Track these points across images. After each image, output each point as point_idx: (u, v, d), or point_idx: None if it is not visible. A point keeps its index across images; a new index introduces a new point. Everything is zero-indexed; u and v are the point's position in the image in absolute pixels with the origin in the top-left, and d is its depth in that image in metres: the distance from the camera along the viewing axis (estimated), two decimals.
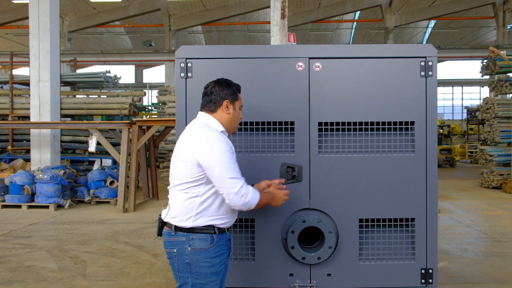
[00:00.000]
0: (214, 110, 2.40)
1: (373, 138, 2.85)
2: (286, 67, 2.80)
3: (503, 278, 4.70)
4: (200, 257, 2.26)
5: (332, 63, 2.82)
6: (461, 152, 25.10)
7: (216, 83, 2.42)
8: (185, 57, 2.83)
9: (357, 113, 2.80)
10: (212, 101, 2.40)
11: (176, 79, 2.80)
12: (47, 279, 4.72)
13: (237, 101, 2.44)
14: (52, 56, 10.68)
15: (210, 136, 2.25)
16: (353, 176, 2.80)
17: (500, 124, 12.64)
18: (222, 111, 2.39)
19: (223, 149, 2.21)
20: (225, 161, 2.19)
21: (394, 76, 2.82)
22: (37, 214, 8.52)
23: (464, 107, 29.88)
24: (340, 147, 2.83)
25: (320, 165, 2.79)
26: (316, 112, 2.80)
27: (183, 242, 2.27)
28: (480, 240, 6.46)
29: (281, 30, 10.20)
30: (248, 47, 2.85)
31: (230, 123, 2.43)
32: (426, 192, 2.82)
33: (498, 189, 12.09)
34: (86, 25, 24.33)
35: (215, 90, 2.40)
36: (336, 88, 2.81)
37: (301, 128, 2.79)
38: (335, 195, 2.80)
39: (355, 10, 24.75)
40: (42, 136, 10.55)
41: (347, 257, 2.82)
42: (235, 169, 2.23)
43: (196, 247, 2.25)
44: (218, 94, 2.39)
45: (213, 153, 2.20)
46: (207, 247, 2.26)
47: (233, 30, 30.09)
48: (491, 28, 28.09)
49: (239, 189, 2.20)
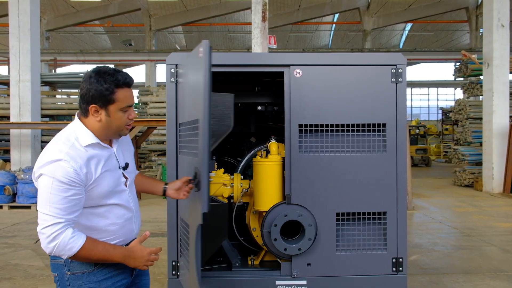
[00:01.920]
0: (85, 114, 1.90)
1: (349, 138, 3.09)
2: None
3: (470, 269, 5.02)
4: (82, 282, 1.90)
5: (311, 70, 3.06)
6: (437, 151, 25.80)
7: (87, 77, 1.85)
8: (175, 63, 3.02)
9: (334, 116, 3.04)
10: (82, 101, 1.88)
11: (166, 84, 2.97)
12: (35, 276, 4.83)
13: (113, 104, 1.86)
14: (32, 56, 10.66)
15: (53, 158, 1.77)
16: (330, 174, 3.04)
17: (472, 125, 13.16)
18: (92, 116, 1.88)
19: (59, 181, 1.74)
20: (51, 195, 1.74)
21: (368, 82, 3.07)
22: (19, 214, 8.55)
23: (439, 108, 30.67)
24: (318, 147, 3.06)
25: (300, 164, 3.02)
26: (296, 115, 3.02)
27: (62, 266, 1.91)
28: (450, 235, 6.82)
29: (262, 32, 10.43)
30: (233, 54, 3.06)
31: (106, 130, 1.91)
32: (397, 188, 3.08)
33: (470, 187, 12.60)
34: (64, 24, 24.08)
35: (83, 87, 1.86)
36: (315, 92, 3.04)
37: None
38: (314, 191, 3.04)
39: (334, 12, 25.17)
40: (22, 136, 10.53)
41: (325, 248, 3.06)
42: (60, 208, 1.74)
43: (76, 271, 1.90)
44: (87, 94, 1.84)
45: (44, 181, 1.76)
46: (90, 270, 1.91)
47: (213, 31, 30.18)
48: (464, 32, 28.91)
49: (47, 229, 1.74)
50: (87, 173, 1.82)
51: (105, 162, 1.91)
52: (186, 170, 2.57)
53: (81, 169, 1.79)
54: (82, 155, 1.83)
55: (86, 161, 1.82)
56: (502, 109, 11.51)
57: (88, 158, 1.84)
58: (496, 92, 11.45)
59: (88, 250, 1.80)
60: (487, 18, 11.71)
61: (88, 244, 1.80)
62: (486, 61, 11.62)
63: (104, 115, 1.87)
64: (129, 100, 1.91)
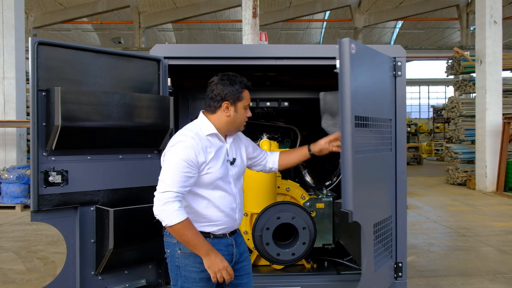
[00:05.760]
0: (213, 111, 2.25)
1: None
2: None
3: (468, 271, 4.88)
4: (189, 261, 2.16)
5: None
6: (428, 150, 25.80)
7: (219, 81, 2.24)
8: (163, 55, 2.86)
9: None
10: (212, 101, 2.25)
11: None
12: (15, 281, 4.61)
13: (240, 101, 2.24)
14: (17, 53, 10.37)
15: (178, 140, 2.14)
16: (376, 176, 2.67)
17: (465, 123, 13.09)
18: (222, 112, 2.23)
19: (179, 157, 2.08)
20: (171, 167, 2.08)
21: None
22: (3, 215, 8.27)
23: (430, 106, 30.70)
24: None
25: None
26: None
27: (174, 244, 2.19)
28: (446, 234, 6.69)
29: (253, 28, 10.24)
30: (220, 46, 2.88)
31: (231, 125, 2.26)
32: (396, 190, 2.90)
33: (462, 185, 12.52)
34: (52, 21, 23.67)
35: (215, 88, 2.23)
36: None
37: None
38: (369, 202, 2.58)
39: (325, 10, 25.00)
40: (7, 135, 10.24)
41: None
42: (176, 179, 2.06)
43: (185, 251, 2.15)
44: (219, 94, 2.22)
45: (168, 156, 2.12)
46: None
47: (204, 28, 29.90)
48: (455, 30, 28.94)
49: (162, 194, 2.05)
50: (204, 158, 2.13)
51: (218, 153, 2.21)
52: None
53: (199, 153, 2.11)
54: (203, 142, 2.16)
55: (204, 148, 2.14)
56: (495, 106, 11.42)
57: (206, 146, 2.16)
58: (489, 89, 11.36)
59: (183, 228, 2.04)
60: (479, 14, 11.61)
61: (186, 224, 2.04)
62: (479, 58, 11.53)
63: (232, 111, 2.23)
64: (249, 100, 2.30)
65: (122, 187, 2.82)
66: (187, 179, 2.08)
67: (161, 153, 2.85)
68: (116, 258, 2.68)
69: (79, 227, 2.66)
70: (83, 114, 2.51)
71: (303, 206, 3.33)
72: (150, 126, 2.86)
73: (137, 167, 2.86)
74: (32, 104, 2.41)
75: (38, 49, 2.43)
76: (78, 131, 2.54)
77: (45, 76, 2.47)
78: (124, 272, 2.86)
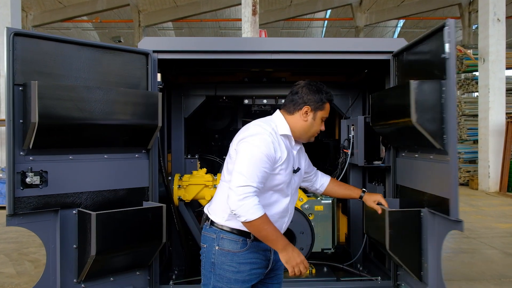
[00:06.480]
0: (291, 112, 2.20)
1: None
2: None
3: (473, 275, 4.71)
4: (226, 260, 2.09)
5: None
6: None
7: (306, 85, 2.21)
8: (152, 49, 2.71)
9: None
10: (293, 102, 2.20)
11: None
12: (4, 285, 4.45)
13: (321, 111, 2.20)
14: None
15: (257, 131, 2.06)
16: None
17: (467, 122, 12.90)
18: (300, 116, 2.18)
19: (260, 150, 1.99)
20: (251, 161, 1.97)
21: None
22: None
23: None
24: None
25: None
26: None
27: (213, 240, 2.12)
28: (448, 236, 6.42)
29: (252, 26, 10.09)
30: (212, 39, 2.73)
31: (304, 131, 2.20)
32: None
33: (465, 185, 12.33)
34: (51, 19, 23.55)
35: (301, 91, 2.20)
36: None
37: None
38: None
39: (326, 8, 24.85)
40: (3, 134, 10.10)
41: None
42: (255, 174, 1.97)
43: (224, 247, 2.09)
44: (302, 97, 2.18)
45: (247, 147, 2.01)
46: (236, 251, 2.09)
47: (204, 27, 29.79)
48: (457, 28, 28.77)
49: (241, 189, 1.94)
50: (280, 156, 2.06)
51: (289, 156, 2.12)
52: None
53: (277, 150, 2.05)
54: (279, 140, 2.10)
55: (279, 146, 2.07)
56: (498, 105, 11.25)
57: (280, 145, 2.08)
58: (492, 88, 11.18)
59: (262, 223, 1.95)
60: (482, 12, 11.42)
61: (265, 219, 1.96)
62: (482, 56, 11.36)
63: (311, 118, 2.18)
64: (328, 113, 2.24)
65: (107, 188, 2.64)
66: (265, 175, 2.01)
67: (149, 153, 2.70)
68: (100, 264, 2.51)
69: (59, 231, 2.48)
70: (63, 111, 2.33)
71: (301, 208, 3.17)
72: (137, 124, 2.69)
73: (124, 167, 2.68)
74: (8, 100, 2.24)
75: (14, 40, 2.26)
76: (58, 129, 2.37)
77: (22, 69, 2.30)
78: (109, 279, 2.69)
